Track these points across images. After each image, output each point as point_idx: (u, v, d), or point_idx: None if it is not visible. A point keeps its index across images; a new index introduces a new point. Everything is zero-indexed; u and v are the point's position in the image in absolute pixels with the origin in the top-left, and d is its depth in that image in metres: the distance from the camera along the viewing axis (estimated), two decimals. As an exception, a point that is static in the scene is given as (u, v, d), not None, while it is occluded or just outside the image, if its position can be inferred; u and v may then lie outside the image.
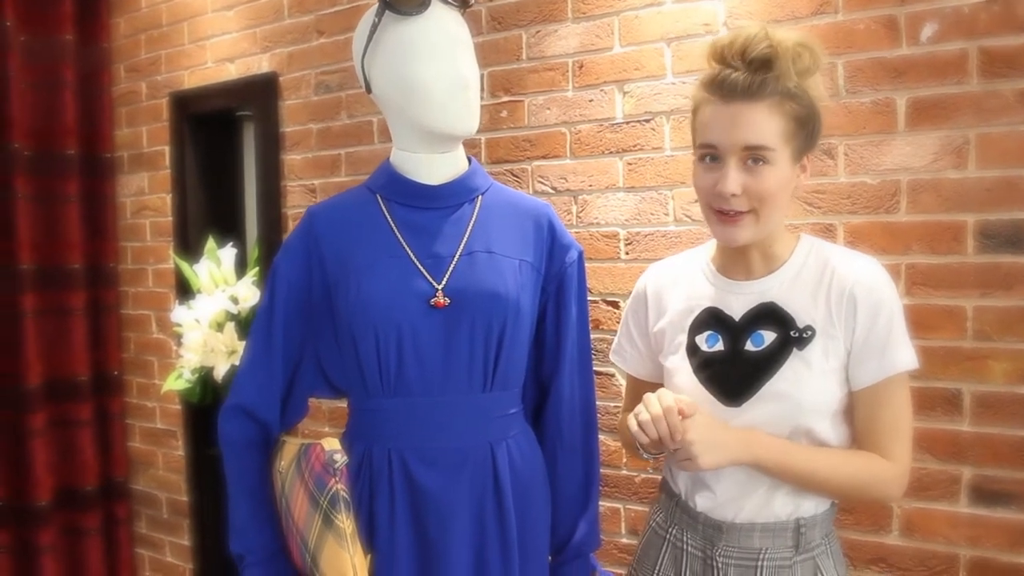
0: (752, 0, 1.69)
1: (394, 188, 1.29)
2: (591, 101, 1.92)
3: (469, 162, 1.33)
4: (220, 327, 2.39)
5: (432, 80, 1.20)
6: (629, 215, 1.88)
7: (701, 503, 1.18)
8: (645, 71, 1.84)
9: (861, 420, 1.13)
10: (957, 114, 1.49)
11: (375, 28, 1.22)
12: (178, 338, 2.52)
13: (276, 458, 1.27)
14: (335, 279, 1.26)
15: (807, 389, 1.10)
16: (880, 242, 1.56)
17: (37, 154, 2.77)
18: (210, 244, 2.55)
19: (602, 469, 1.58)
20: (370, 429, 1.25)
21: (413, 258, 1.24)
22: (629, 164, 1.88)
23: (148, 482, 3.06)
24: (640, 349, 1.32)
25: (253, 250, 2.65)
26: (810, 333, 1.11)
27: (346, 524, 1.14)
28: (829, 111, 1.57)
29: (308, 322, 1.29)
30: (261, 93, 2.56)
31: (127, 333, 3.07)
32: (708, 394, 1.16)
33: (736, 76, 1.07)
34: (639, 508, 1.90)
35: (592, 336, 1.44)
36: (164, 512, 3.02)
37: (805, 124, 1.09)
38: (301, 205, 2.49)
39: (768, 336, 1.13)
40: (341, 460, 1.16)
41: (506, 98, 2.05)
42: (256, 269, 2.52)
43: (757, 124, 1.06)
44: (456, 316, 1.22)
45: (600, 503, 1.45)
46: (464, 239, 1.26)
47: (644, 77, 1.84)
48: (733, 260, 1.19)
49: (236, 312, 2.39)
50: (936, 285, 1.52)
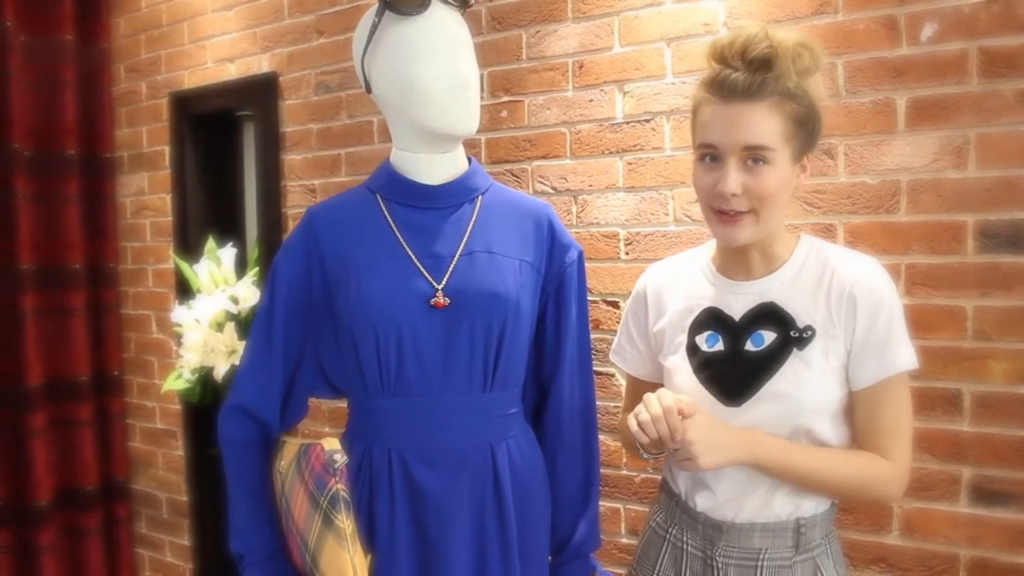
0: (752, 0, 1.69)
1: (394, 188, 1.29)
2: (591, 101, 1.92)
3: (469, 162, 1.33)
4: (220, 327, 2.39)
5: (432, 80, 1.20)
6: (629, 215, 1.88)
7: (701, 503, 1.18)
8: (645, 71, 1.84)
9: (861, 420, 1.13)
10: (957, 114, 1.49)
11: (375, 28, 1.22)
12: (178, 338, 2.52)
13: (276, 458, 1.27)
14: (335, 279, 1.26)
15: (807, 389, 1.10)
16: (880, 242, 1.56)
17: (37, 154, 2.77)
18: (210, 244, 2.55)
19: (602, 469, 1.58)
20: (370, 429, 1.25)
21: (413, 258, 1.24)
22: (629, 164, 1.88)
23: (148, 482, 3.06)
24: (640, 349, 1.32)
25: (253, 250, 2.65)
26: (810, 333, 1.11)
27: (346, 524, 1.14)
28: (829, 111, 1.56)
29: (308, 322, 1.29)
30: (261, 93, 2.56)
31: (127, 333, 3.07)
32: (708, 394, 1.16)
33: (736, 76, 1.07)
34: (639, 508, 1.90)
35: (592, 336, 1.44)
36: (164, 512, 3.02)
37: (805, 124, 1.09)
38: (301, 205, 2.49)
39: (768, 336, 1.13)
40: (341, 460, 1.16)
41: (506, 98, 2.05)
42: (256, 269, 2.52)
43: (757, 124, 1.06)
44: (456, 316, 1.22)
45: (600, 503, 1.45)
46: (464, 239, 1.26)
47: (644, 77, 1.84)
48: (733, 260, 1.19)
49: (236, 312, 2.39)
50: (936, 285, 1.52)
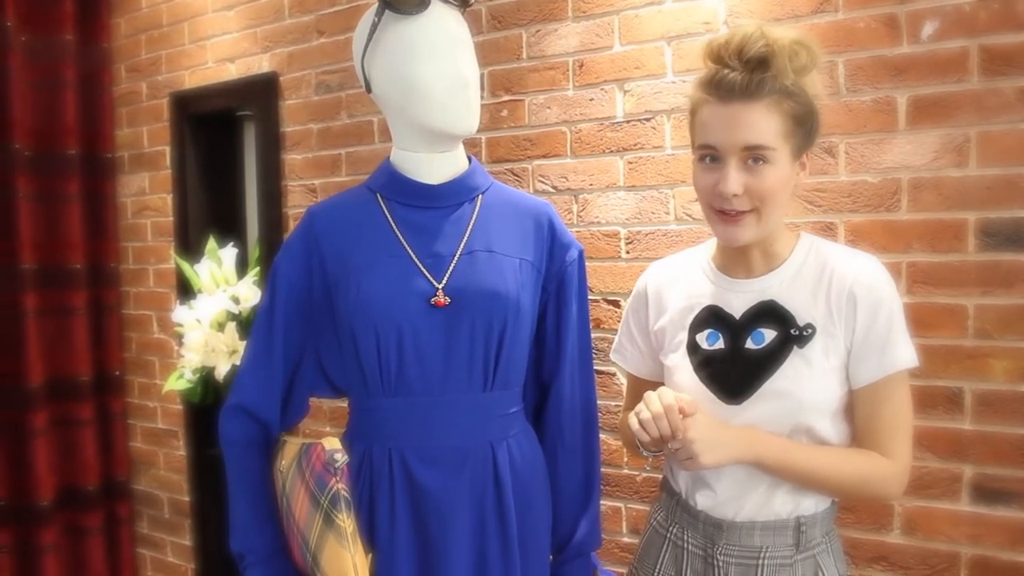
0: (752, -2, 1.69)
1: (394, 187, 1.29)
2: (591, 100, 1.92)
3: (469, 161, 1.33)
4: (221, 327, 2.39)
5: (432, 79, 1.20)
6: (630, 214, 1.88)
7: (702, 501, 1.18)
8: (645, 70, 1.83)
9: (861, 418, 1.13)
10: (958, 112, 1.48)
11: (375, 28, 1.22)
12: (179, 338, 2.52)
13: (277, 457, 1.27)
14: (335, 279, 1.26)
15: (807, 387, 1.10)
16: (881, 240, 1.56)
17: (38, 154, 2.77)
18: (211, 244, 2.55)
19: (603, 468, 1.58)
20: (370, 428, 1.26)
21: (413, 257, 1.24)
22: (630, 163, 1.87)
23: (149, 482, 3.06)
24: (641, 348, 1.32)
25: (254, 250, 2.65)
26: (810, 331, 1.11)
27: (347, 523, 1.14)
28: (830, 110, 1.57)
29: (309, 322, 1.29)
30: (261, 93, 2.56)
31: (128, 333, 3.07)
32: (708, 392, 1.16)
33: (733, 76, 1.07)
34: (640, 507, 1.90)
35: (593, 335, 1.44)
36: (165, 512, 3.02)
37: (804, 122, 1.09)
38: (302, 205, 2.49)
39: (768, 334, 1.13)
40: (342, 459, 1.16)
41: (506, 97, 2.05)
42: (257, 269, 2.52)
43: (756, 124, 1.06)
44: (456, 315, 1.22)
45: (601, 502, 1.45)
46: (464, 238, 1.26)
47: (644, 76, 1.84)
48: (733, 258, 1.19)
49: (237, 312, 2.39)
50: (937, 283, 1.52)
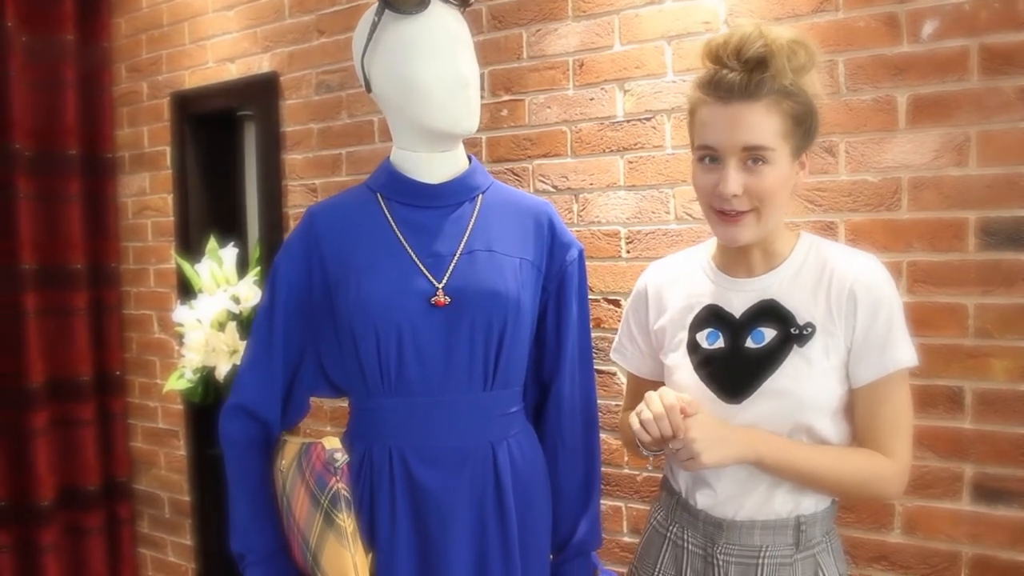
0: (752, -2, 1.69)
1: (394, 187, 1.29)
2: (592, 99, 1.92)
3: (469, 161, 1.33)
4: (222, 327, 2.39)
5: (432, 79, 1.20)
6: (630, 213, 1.88)
7: (701, 501, 1.17)
8: (646, 69, 1.83)
9: (861, 417, 1.13)
10: (958, 111, 1.48)
11: (375, 27, 1.22)
12: (180, 338, 2.52)
13: (277, 457, 1.27)
14: (335, 278, 1.26)
15: (807, 386, 1.10)
16: (881, 240, 1.56)
17: (38, 154, 2.77)
18: (211, 244, 2.55)
19: (604, 468, 1.58)
20: (371, 428, 1.26)
21: (413, 257, 1.24)
22: (630, 162, 1.87)
23: (150, 482, 3.06)
24: (641, 347, 1.32)
25: (254, 250, 2.65)
26: (810, 330, 1.11)
27: (347, 523, 1.14)
28: (830, 109, 1.57)
29: (309, 322, 1.29)
30: (262, 93, 2.56)
31: (129, 333, 3.07)
32: (708, 391, 1.16)
33: (732, 76, 1.07)
34: (641, 507, 1.90)
35: (593, 335, 1.44)
36: (166, 512, 3.02)
37: (803, 121, 1.09)
38: (302, 205, 2.49)
39: (768, 333, 1.13)
40: (342, 459, 1.16)
41: (507, 97, 2.05)
42: (257, 269, 2.52)
43: (755, 124, 1.06)
44: (456, 315, 1.22)
45: (602, 502, 1.45)
46: (464, 238, 1.26)
47: (645, 75, 1.84)
48: (733, 258, 1.19)
49: (237, 312, 2.39)
50: (937, 283, 1.52)
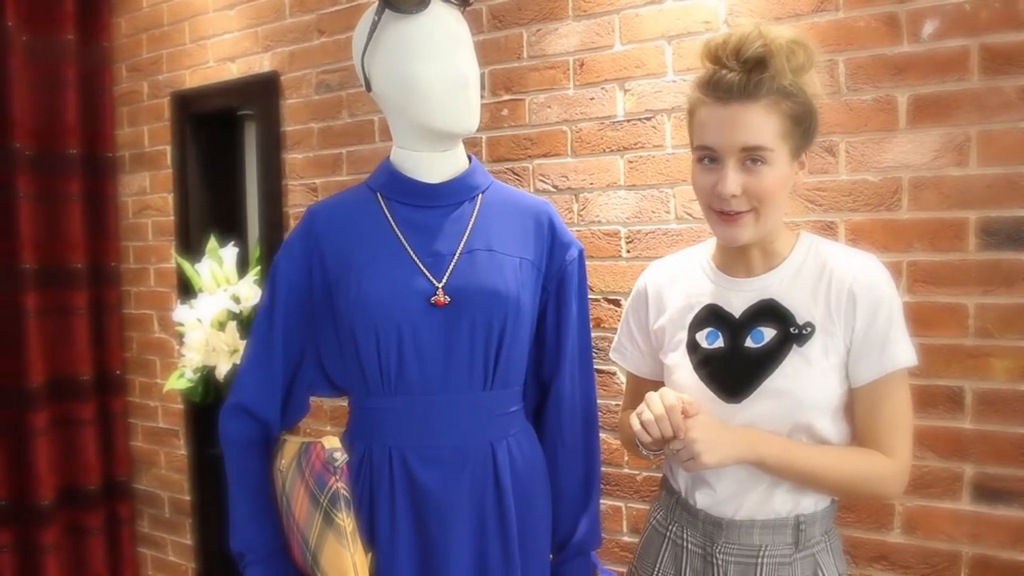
0: (753, -3, 1.69)
1: (394, 186, 1.29)
2: (592, 99, 1.92)
3: (469, 160, 1.33)
4: (222, 326, 2.39)
5: (432, 78, 1.20)
6: (630, 213, 1.88)
7: (701, 500, 1.17)
8: (646, 69, 1.83)
9: (861, 417, 1.13)
10: (958, 111, 1.48)
11: (375, 27, 1.22)
12: (180, 337, 2.52)
13: (277, 456, 1.27)
14: (335, 278, 1.26)
15: (807, 385, 1.10)
16: (881, 239, 1.56)
17: (39, 153, 2.77)
18: (212, 243, 2.55)
19: (604, 467, 1.58)
20: (370, 428, 1.26)
21: (413, 256, 1.24)
22: (630, 162, 1.87)
23: (150, 481, 3.06)
24: (640, 347, 1.32)
25: (254, 249, 2.65)
26: (810, 330, 1.11)
27: (347, 522, 1.14)
28: (830, 108, 1.57)
29: (309, 321, 1.29)
30: (262, 92, 2.56)
31: (129, 332, 3.07)
32: (708, 391, 1.16)
33: (731, 76, 1.07)
34: (641, 506, 1.90)
35: (593, 334, 1.44)
36: (166, 511, 3.02)
37: (802, 121, 1.09)
38: (302, 204, 2.49)
39: (768, 333, 1.13)
40: (341, 458, 1.16)
41: (507, 96, 2.05)
42: (257, 268, 2.52)
43: (754, 125, 1.06)
44: (456, 314, 1.22)
45: (602, 501, 1.45)
46: (464, 237, 1.26)
47: (645, 75, 1.84)
48: (733, 257, 1.19)
49: (238, 311, 2.39)
50: (938, 282, 1.52)
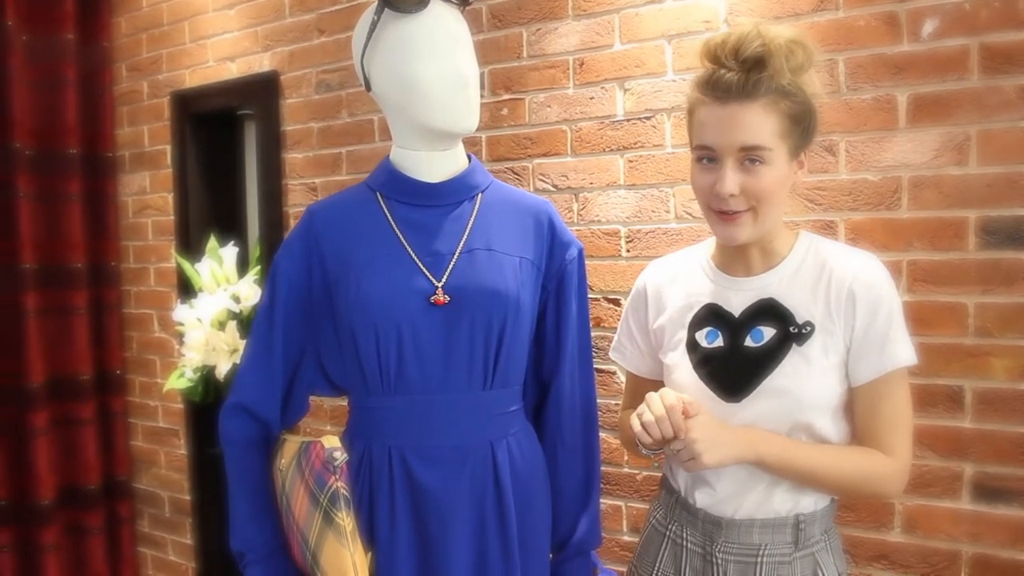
0: (752, -3, 1.69)
1: (394, 186, 1.29)
2: (592, 99, 1.92)
3: (469, 160, 1.33)
4: (222, 326, 2.39)
5: (432, 78, 1.20)
6: (630, 212, 1.88)
7: (701, 499, 1.17)
8: (646, 68, 1.83)
9: (861, 416, 1.13)
10: (958, 110, 1.48)
11: (375, 26, 1.22)
12: (180, 337, 2.52)
13: (277, 456, 1.27)
14: (335, 277, 1.26)
15: (807, 385, 1.10)
16: (881, 239, 1.56)
17: (39, 153, 2.77)
18: (212, 243, 2.55)
19: (603, 467, 1.58)
20: (370, 427, 1.26)
21: (413, 256, 1.24)
22: (630, 161, 1.87)
23: (150, 481, 3.07)
24: (640, 346, 1.32)
25: (254, 249, 2.65)
26: (809, 329, 1.11)
27: (346, 522, 1.14)
28: (830, 108, 1.57)
29: (308, 321, 1.29)
30: (262, 92, 2.56)
31: (129, 332, 3.07)
32: (708, 390, 1.16)
33: (730, 76, 1.07)
34: (641, 506, 1.90)
35: (593, 334, 1.43)
36: (166, 511, 3.02)
37: (801, 121, 1.09)
38: (302, 204, 2.49)
39: (768, 332, 1.13)
40: (341, 458, 1.16)
41: (507, 96, 2.05)
42: (257, 268, 2.52)
43: (753, 125, 1.06)
44: (456, 314, 1.22)
45: (601, 501, 1.45)
46: (464, 237, 1.26)
47: (645, 74, 1.84)
48: (733, 257, 1.19)
49: (238, 311, 2.39)
50: (937, 282, 1.52)
